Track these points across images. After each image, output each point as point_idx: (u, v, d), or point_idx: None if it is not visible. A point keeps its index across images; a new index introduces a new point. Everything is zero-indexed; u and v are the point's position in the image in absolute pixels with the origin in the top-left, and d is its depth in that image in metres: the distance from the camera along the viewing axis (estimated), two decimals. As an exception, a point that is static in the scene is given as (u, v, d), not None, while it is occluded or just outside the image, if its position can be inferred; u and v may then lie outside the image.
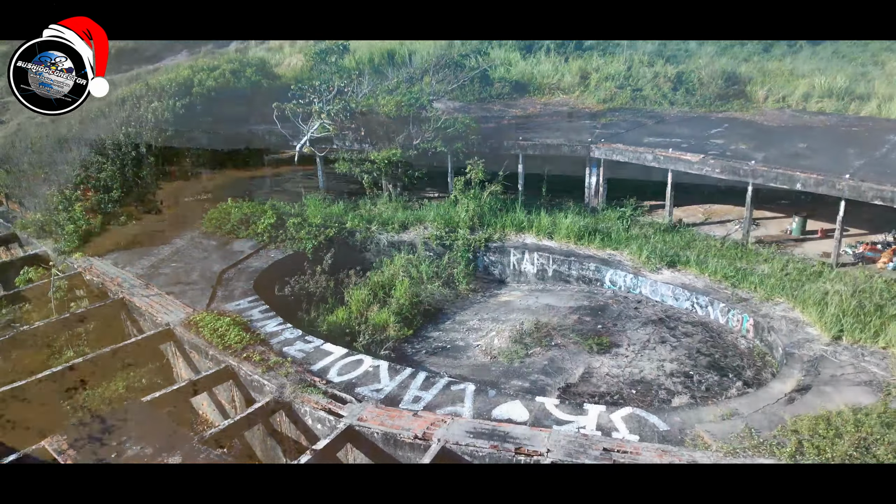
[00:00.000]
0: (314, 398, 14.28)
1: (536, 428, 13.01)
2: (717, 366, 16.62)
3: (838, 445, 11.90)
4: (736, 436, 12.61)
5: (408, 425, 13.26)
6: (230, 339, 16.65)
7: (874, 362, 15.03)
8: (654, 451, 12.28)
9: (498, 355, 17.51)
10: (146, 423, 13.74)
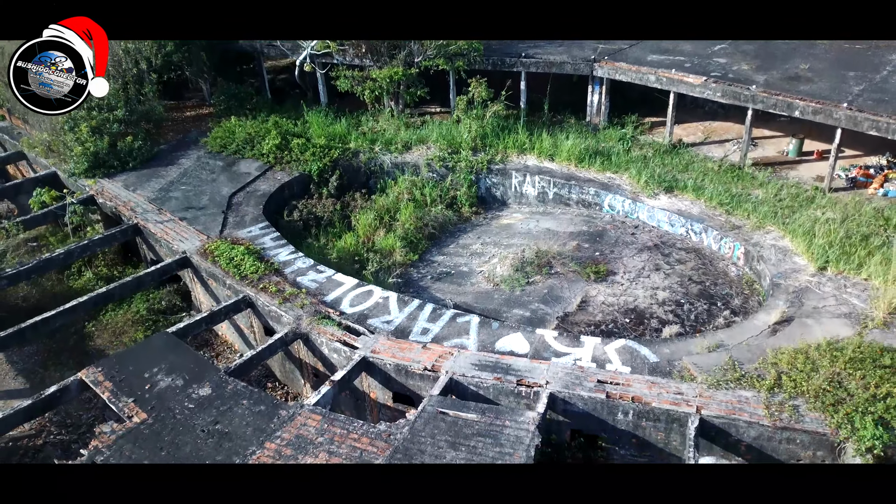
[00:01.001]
0: (330, 330, 15.27)
1: (536, 360, 14.08)
2: (706, 294, 17.59)
3: (813, 379, 12.98)
4: (720, 368, 13.68)
5: (417, 357, 14.33)
6: (246, 269, 17.48)
7: (855, 294, 15.95)
8: (643, 383, 13.40)
9: (500, 283, 18.45)
10: (174, 354, 14.77)
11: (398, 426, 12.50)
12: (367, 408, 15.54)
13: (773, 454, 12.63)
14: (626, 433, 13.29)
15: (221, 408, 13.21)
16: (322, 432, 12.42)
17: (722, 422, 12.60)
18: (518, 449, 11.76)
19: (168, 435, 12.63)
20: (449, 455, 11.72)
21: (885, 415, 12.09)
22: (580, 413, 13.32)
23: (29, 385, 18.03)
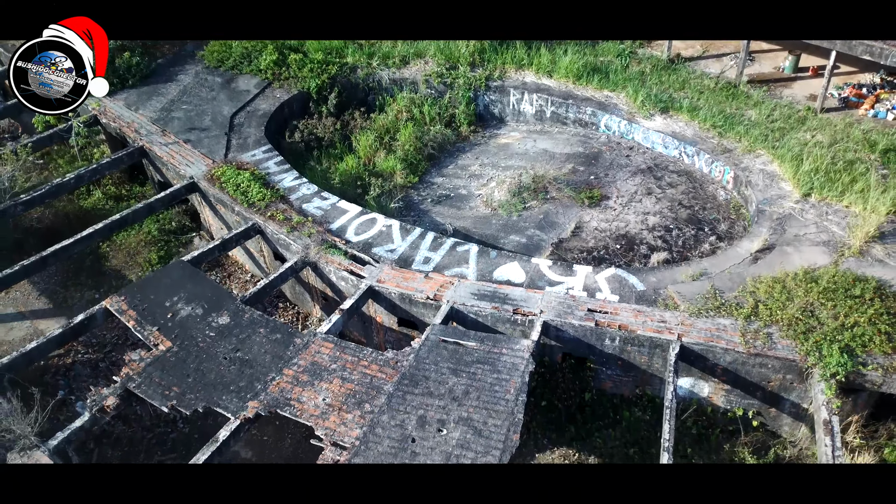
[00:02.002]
0: (337, 259, 16.16)
1: (531, 290, 15.07)
2: (695, 219, 18.40)
3: (788, 309, 14.03)
4: (702, 296, 14.70)
5: (420, 287, 15.30)
6: (253, 196, 18.13)
7: (835, 221, 16.78)
8: (630, 312, 14.45)
9: (498, 208, 19.19)
10: (192, 282, 15.70)
11: (404, 353, 13.63)
12: (373, 330, 16.69)
13: (747, 377, 13.87)
14: (613, 356, 14.47)
15: (241, 336, 14.29)
16: (335, 359, 13.56)
17: (701, 348, 13.74)
18: (514, 375, 12.94)
19: (193, 362, 13.76)
20: (451, 381, 12.91)
21: (851, 343, 13.22)
22: (571, 339, 14.44)
23: (52, 304, 19.08)
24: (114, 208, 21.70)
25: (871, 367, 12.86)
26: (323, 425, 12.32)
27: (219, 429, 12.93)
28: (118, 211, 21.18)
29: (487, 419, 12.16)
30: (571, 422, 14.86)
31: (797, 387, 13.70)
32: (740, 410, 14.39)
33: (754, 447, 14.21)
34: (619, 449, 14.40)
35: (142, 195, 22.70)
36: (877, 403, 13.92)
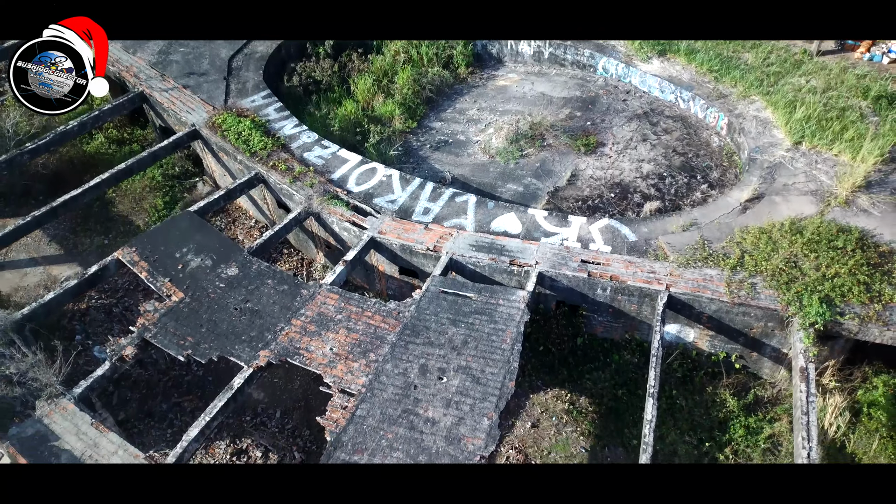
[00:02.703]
0: (339, 210, 16.67)
1: (527, 241, 15.66)
2: (688, 166, 18.83)
3: (772, 260, 14.66)
4: (691, 247, 15.31)
5: (421, 238, 15.88)
6: (255, 145, 18.46)
7: (824, 170, 17.23)
8: (621, 263, 15.10)
9: (495, 155, 19.55)
10: (200, 233, 16.25)
11: (405, 304, 14.34)
12: (375, 277, 17.36)
13: (731, 324, 14.63)
14: (604, 304, 15.20)
15: (249, 287, 14.96)
16: (340, 310, 14.28)
17: (687, 298, 14.45)
18: (510, 325, 13.69)
19: (205, 313, 14.47)
20: (450, 331, 13.67)
21: (831, 293, 13.91)
22: (565, 288, 15.14)
23: (63, 250, 19.69)
24: (116, 152, 22.05)
25: (849, 317, 13.58)
26: (331, 373, 13.14)
27: (231, 371, 13.79)
28: (121, 155, 21.61)
29: (485, 367, 12.97)
30: (564, 365, 15.74)
31: (778, 333, 14.47)
32: (723, 354, 15.22)
33: (735, 389, 15.12)
34: (609, 390, 15.33)
35: (143, 138, 23.01)
36: (852, 349, 14.73)
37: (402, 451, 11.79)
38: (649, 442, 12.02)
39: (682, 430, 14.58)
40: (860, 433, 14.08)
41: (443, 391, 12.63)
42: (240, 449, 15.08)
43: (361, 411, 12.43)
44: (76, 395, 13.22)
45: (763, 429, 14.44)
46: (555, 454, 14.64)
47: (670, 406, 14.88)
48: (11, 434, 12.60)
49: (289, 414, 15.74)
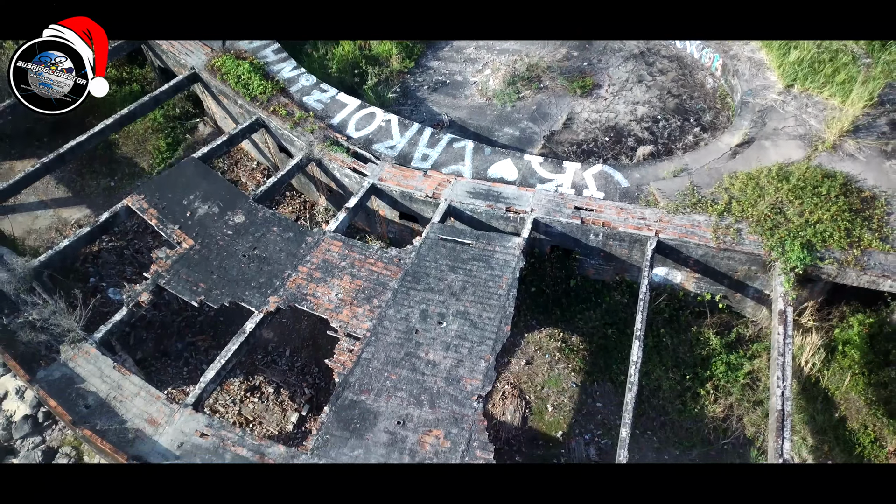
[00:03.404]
0: (340, 157, 17.10)
1: (523, 188, 16.19)
2: (682, 109, 19.14)
3: (758, 206, 15.23)
4: (681, 193, 15.87)
5: (420, 185, 16.40)
6: (254, 89, 18.68)
7: (814, 114, 17.58)
8: (614, 209, 15.69)
9: (492, 97, 19.81)
10: (205, 181, 16.74)
11: (406, 251, 15.01)
12: (376, 221, 17.97)
13: (716, 268, 15.37)
14: (596, 249, 15.88)
15: (256, 234, 15.59)
16: (344, 257, 14.97)
17: (675, 243, 15.12)
18: (506, 272, 14.41)
19: (215, 259, 15.15)
20: (449, 277, 14.40)
21: (812, 238, 14.56)
22: (559, 234, 15.78)
23: (71, 193, 20.21)
24: (116, 92, 22.15)
25: (828, 262, 14.28)
26: (337, 318, 13.95)
27: (241, 311, 14.60)
28: (121, 95, 21.79)
29: (482, 312, 13.77)
30: (557, 305, 16.56)
31: (761, 276, 15.23)
32: (708, 295, 16.02)
33: (719, 328, 16.00)
34: (599, 329, 16.22)
35: (142, 77, 23.09)
36: (831, 290, 15.50)
37: (406, 391, 12.72)
38: (634, 381, 12.93)
39: (667, 366, 15.54)
40: (834, 370, 15.03)
41: (443, 335, 13.46)
42: (253, 386, 16.07)
43: (367, 354, 13.30)
44: (97, 340, 14.04)
45: (743, 365, 15.39)
46: (547, 389, 15.65)
47: (656, 344, 15.79)
48: (39, 377, 13.49)
49: (297, 352, 16.68)
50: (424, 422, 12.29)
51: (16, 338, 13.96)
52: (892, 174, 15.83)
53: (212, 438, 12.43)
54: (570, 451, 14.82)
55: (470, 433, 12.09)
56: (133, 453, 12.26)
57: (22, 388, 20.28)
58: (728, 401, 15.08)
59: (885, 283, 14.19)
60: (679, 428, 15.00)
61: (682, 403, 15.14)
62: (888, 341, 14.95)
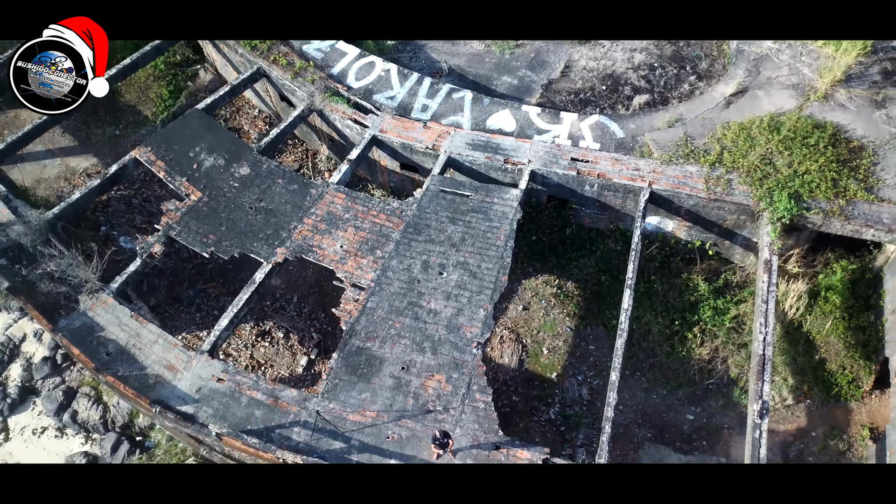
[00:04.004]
0: (341, 107, 17.42)
1: (521, 139, 16.58)
2: (678, 56, 19.30)
3: (749, 156, 15.66)
4: (675, 143, 16.27)
5: (420, 137, 16.78)
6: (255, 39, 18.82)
7: (808, 62, 17.79)
8: (609, 160, 16.13)
9: (491, 44, 19.91)
10: (210, 132, 17.10)
11: (407, 203, 15.55)
12: (378, 171, 18.42)
13: (706, 217, 15.94)
14: (591, 199, 16.41)
15: (262, 186, 16.08)
16: (347, 209, 15.51)
17: (668, 194, 15.64)
18: (503, 223, 15.00)
19: (223, 211, 15.70)
20: (449, 229, 15.00)
21: (800, 189, 15.06)
22: (555, 185, 16.28)
23: (77, 142, 20.54)
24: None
25: (814, 212, 14.83)
26: (342, 269, 14.61)
27: (249, 260, 15.20)
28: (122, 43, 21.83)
29: (481, 263, 14.43)
30: (553, 253, 17.21)
31: (749, 225, 15.82)
32: (698, 242, 16.63)
33: (707, 274, 16.69)
34: (593, 275, 16.92)
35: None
36: (817, 238, 16.10)
37: (409, 338, 13.50)
38: (625, 328, 13.70)
39: (657, 311, 16.31)
40: (816, 315, 15.80)
41: (443, 285, 14.16)
42: (263, 331, 16.88)
43: (371, 304, 14.02)
44: (114, 290, 14.73)
45: (729, 310, 16.15)
46: (543, 333, 16.47)
47: (647, 290, 16.51)
48: (61, 326, 14.24)
49: (305, 299, 17.42)
50: (427, 367, 13.11)
51: (36, 288, 14.62)
52: (881, 124, 16.21)
53: (228, 383, 13.27)
54: (563, 391, 15.74)
55: (470, 377, 12.92)
56: (154, 397, 13.11)
57: (40, 331, 21.20)
58: (714, 344, 15.91)
59: (867, 232, 14.79)
60: (667, 369, 15.88)
61: (670, 346, 15.97)
62: (868, 287, 15.67)
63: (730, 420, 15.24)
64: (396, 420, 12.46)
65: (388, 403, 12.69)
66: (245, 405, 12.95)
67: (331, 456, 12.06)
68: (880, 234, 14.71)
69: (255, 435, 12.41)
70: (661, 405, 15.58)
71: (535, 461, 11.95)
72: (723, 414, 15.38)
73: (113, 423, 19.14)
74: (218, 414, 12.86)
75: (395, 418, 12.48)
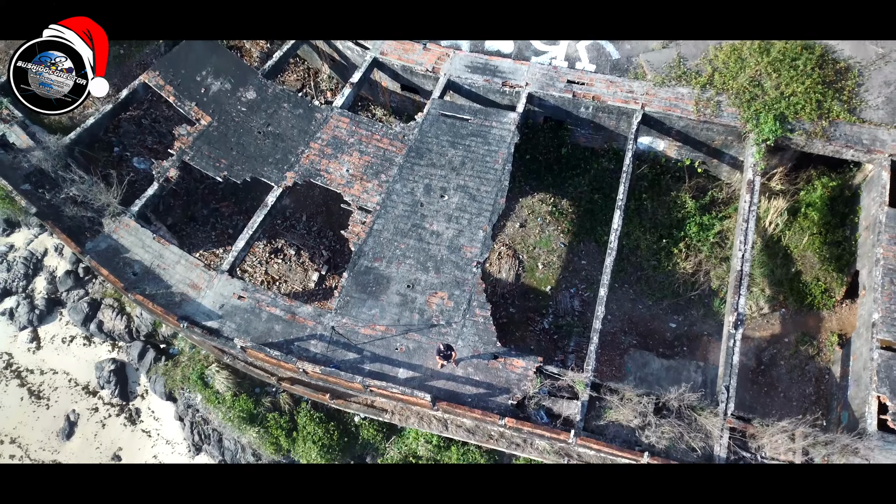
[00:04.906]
0: (343, 29, 17.73)
1: (519, 62, 17.02)
2: (677, -29, 19.34)
3: (739, 78, 16.16)
4: (668, 65, 16.73)
5: (420, 59, 17.21)
6: (254, -44, 18.86)
7: (804, -21, 17.92)
8: (604, 83, 16.65)
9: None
10: (215, 55, 17.47)
11: (409, 128, 16.23)
12: (379, 91, 18.93)
13: (696, 137, 16.66)
14: (586, 120, 17.05)
15: (268, 111, 16.70)
16: (352, 134, 16.21)
17: (660, 115, 16.27)
18: (501, 147, 15.75)
19: (233, 136, 16.40)
20: (450, 153, 15.75)
21: (786, 111, 15.69)
22: (552, 107, 16.88)
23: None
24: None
25: (798, 133, 15.54)
26: (349, 192, 15.49)
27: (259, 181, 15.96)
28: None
29: (480, 186, 15.30)
30: (549, 171, 18.02)
31: (736, 145, 16.56)
32: (688, 161, 17.40)
33: (695, 192, 17.56)
34: (587, 194, 17.81)
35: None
36: (800, 157, 16.87)
37: (413, 258, 14.57)
38: (614, 247, 14.73)
39: (646, 227, 17.31)
40: (795, 230, 16.81)
41: (445, 208, 15.09)
42: (276, 248, 17.94)
43: (378, 226, 15.00)
44: (134, 213, 15.65)
45: (714, 225, 17.14)
46: (539, 249, 17.54)
47: (638, 207, 17.45)
48: (89, 248, 15.25)
49: (313, 218, 18.38)
50: (431, 285, 14.24)
51: (62, 213, 15.53)
52: (868, 45, 16.60)
53: (248, 300, 14.44)
54: (557, 303, 16.99)
55: (470, 294, 14.08)
56: (181, 314, 14.31)
57: (60, 246, 22.32)
58: (698, 258, 17.01)
59: (847, 152, 15.57)
60: (653, 282, 17.06)
61: (656, 261, 17.08)
62: (846, 205, 16.60)
63: (709, 328, 16.55)
64: (404, 333, 13.71)
65: (396, 318, 13.90)
66: (265, 320, 14.17)
67: (345, 366, 13.39)
68: (859, 154, 15.49)
69: (276, 347, 13.69)
70: (646, 315, 16.86)
71: (530, 370, 13.28)
72: (703, 322, 16.68)
73: (137, 332, 20.59)
74: (241, 328, 14.09)
75: (403, 332, 13.72)
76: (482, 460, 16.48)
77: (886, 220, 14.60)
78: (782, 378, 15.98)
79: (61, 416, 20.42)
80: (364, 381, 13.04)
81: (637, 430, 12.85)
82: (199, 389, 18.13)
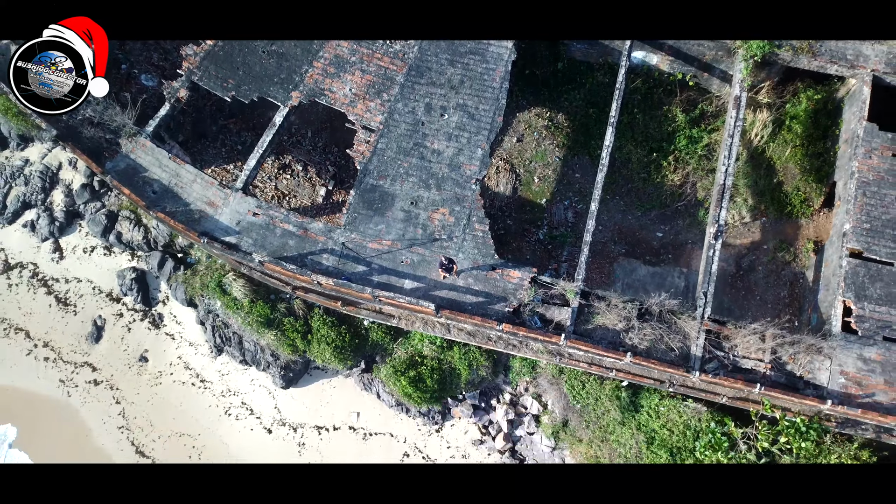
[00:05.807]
0: (341, -56, 17.84)
1: (516, -23, 17.26)
2: None
3: (731, -7, 16.52)
4: (663, -20, 17.00)
5: (420, -24, 17.43)
6: None
7: None
8: (600, -1, 16.97)
9: None
10: None
11: (409, 46, 16.69)
12: (379, 6, 19.18)
13: (688, 52, 17.16)
14: (582, 36, 17.48)
15: (272, 30, 17.10)
16: (353, 52, 16.72)
17: (653, 32, 16.71)
18: (499, 65, 16.32)
19: (238, 56, 16.90)
20: (449, 71, 16.34)
21: (775, 27, 16.15)
22: (548, 23, 17.27)
23: None
24: None
25: (785, 49, 16.06)
26: (353, 111, 16.22)
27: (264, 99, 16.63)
28: None
29: (479, 105, 16.00)
30: (546, 86, 18.61)
31: (726, 60, 17.09)
32: (680, 75, 17.93)
33: (686, 105, 18.21)
34: (582, 108, 18.49)
35: None
36: (787, 71, 17.42)
37: (416, 176, 15.50)
38: (605, 163, 15.62)
39: (637, 141, 18.10)
40: (779, 142, 17.62)
41: (445, 127, 15.86)
42: (284, 164, 18.78)
43: (381, 145, 15.83)
44: (149, 133, 16.41)
45: (702, 138, 17.93)
46: (535, 163, 18.41)
47: (630, 121, 18.16)
48: (108, 168, 16.14)
49: (318, 134, 19.11)
50: (433, 202, 15.25)
51: (80, 134, 16.28)
52: (862, -43, 16.82)
53: (262, 217, 15.49)
54: (551, 214, 18.03)
55: (470, 210, 15.11)
56: (201, 230, 15.39)
57: (74, 159, 23.10)
58: (686, 170, 17.91)
59: (831, 67, 16.17)
60: (642, 193, 18.04)
61: (646, 173, 17.99)
62: (829, 118, 17.33)
63: (693, 236, 17.67)
64: (408, 247, 14.84)
65: (401, 233, 15.00)
66: (279, 235, 15.26)
67: (356, 278, 14.60)
68: (843, 69, 16.08)
69: (291, 261, 14.86)
70: (635, 224, 17.95)
71: (525, 280, 14.51)
72: (688, 231, 17.79)
73: (155, 243, 21.74)
74: (257, 243, 15.21)
75: (408, 246, 14.85)
76: (482, 359, 18.01)
77: (863, 135, 15.40)
78: (759, 282, 17.25)
79: (89, 322, 21.89)
80: (374, 292, 14.30)
81: (622, 332, 14.21)
82: (218, 296, 19.43)
